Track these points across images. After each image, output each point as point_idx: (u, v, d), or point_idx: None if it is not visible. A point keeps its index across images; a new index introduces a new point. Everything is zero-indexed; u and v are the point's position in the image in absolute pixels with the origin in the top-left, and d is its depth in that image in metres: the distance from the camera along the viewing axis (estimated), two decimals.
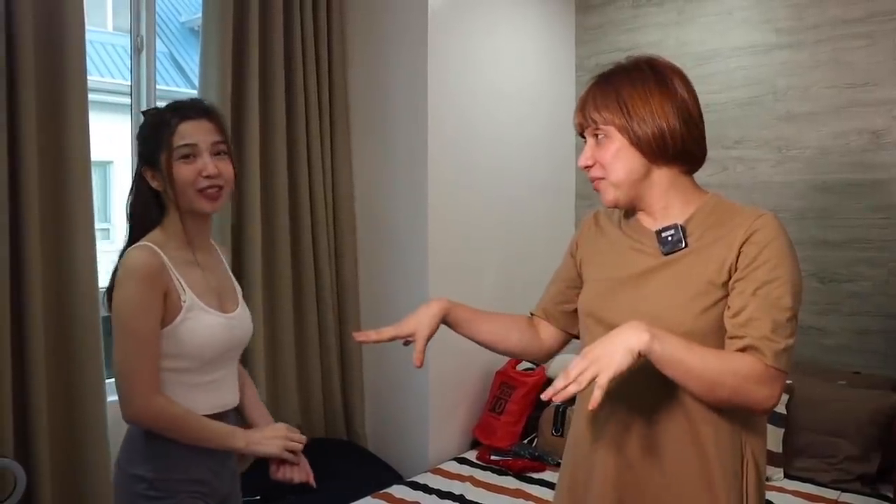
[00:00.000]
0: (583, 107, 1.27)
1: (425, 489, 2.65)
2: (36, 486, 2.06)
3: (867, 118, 2.86)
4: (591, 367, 1.05)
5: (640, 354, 1.07)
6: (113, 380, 1.47)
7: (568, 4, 3.63)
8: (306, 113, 2.89)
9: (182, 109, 1.50)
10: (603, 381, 1.04)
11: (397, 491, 2.63)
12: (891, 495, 2.49)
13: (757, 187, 3.09)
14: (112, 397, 2.31)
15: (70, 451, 2.20)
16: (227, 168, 1.50)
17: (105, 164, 5.10)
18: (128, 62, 2.70)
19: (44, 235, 2.14)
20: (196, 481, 1.49)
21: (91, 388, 2.22)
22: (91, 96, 2.24)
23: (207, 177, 1.46)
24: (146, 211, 1.51)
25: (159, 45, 2.66)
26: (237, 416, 1.64)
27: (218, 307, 1.53)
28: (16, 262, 2.07)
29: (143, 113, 1.56)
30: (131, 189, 1.54)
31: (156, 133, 1.47)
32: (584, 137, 1.30)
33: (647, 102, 1.22)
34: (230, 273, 1.66)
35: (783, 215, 2.93)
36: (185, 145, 1.45)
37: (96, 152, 2.24)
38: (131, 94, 2.62)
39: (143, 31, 2.57)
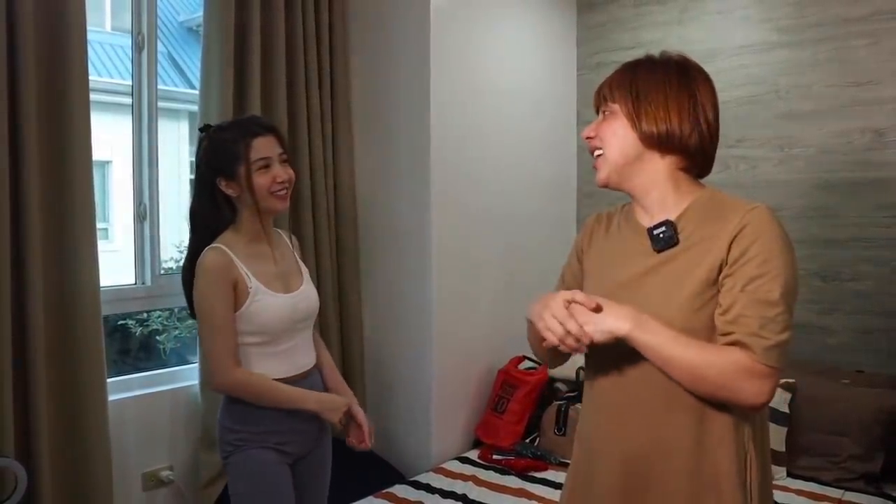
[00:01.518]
0: (601, 85, 1.31)
1: (428, 488, 2.65)
2: (37, 485, 2.05)
3: (870, 117, 2.85)
4: (574, 322, 1.14)
5: (618, 339, 1.14)
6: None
7: (570, 3, 3.63)
8: (308, 111, 2.88)
9: (250, 126, 1.79)
10: (586, 334, 1.13)
11: (400, 490, 2.63)
12: (895, 494, 2.49)
13: (759, 186, 3.09)
14: (112, 396, 2.33)
15: (71, 450, 2.19)
16: (291, 173, 1.82)
17: (104, 164, 5.08)
18: (126, 62, 2.69)
19: (45, 235, 2.14)
20: (268, 433, 1.77)
21: (92, 387, 2.21)
22: (90, 96, 2.23)
23: (280, 182, 1.77)
24: (219, 213, 1.79)
25: (157, 45, 2.63)
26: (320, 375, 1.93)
27: (283, 288, 1.81)
28: (17, 261, 2.06)
29: (203, 129, 1.84)
30: (199, 196, 1.81)
31: (232, 148, 1.74)
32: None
33: (662, 97, 1.22)
34: (297, 256, 1.96)
35: (785, 214, 2.93)
36: (262, 158, 1.75)
37: (94, 152, 2.23)
38: (132, 94, 2.59)
39: (144, 29, 2.55)
